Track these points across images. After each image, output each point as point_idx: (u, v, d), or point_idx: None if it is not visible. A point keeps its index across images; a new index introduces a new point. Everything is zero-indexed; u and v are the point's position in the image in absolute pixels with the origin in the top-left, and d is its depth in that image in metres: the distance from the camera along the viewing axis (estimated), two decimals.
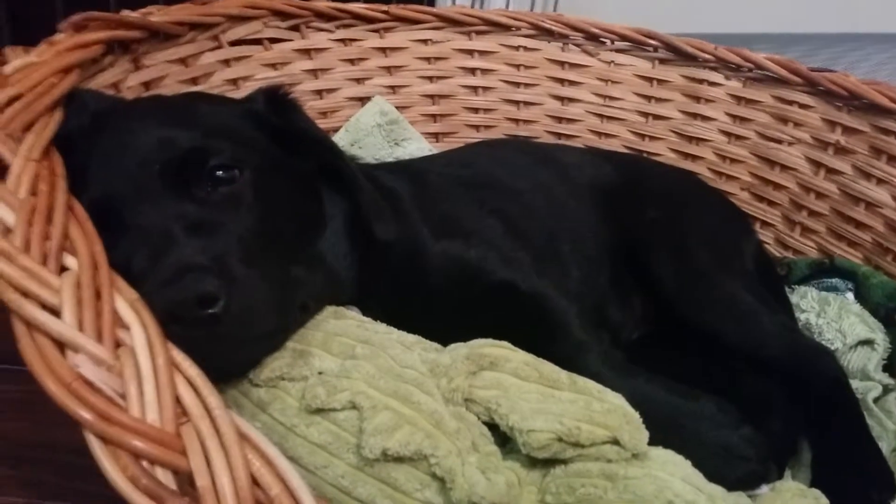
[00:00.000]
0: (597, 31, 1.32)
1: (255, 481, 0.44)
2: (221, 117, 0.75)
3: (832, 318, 1.04)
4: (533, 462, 0.61)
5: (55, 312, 0.48)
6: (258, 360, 0.62)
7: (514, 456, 0.61)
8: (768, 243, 1.27)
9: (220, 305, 0.56)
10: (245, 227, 0.65)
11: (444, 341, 0.70)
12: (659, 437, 0.63)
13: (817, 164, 1.22)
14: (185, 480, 0.44)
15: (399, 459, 0.55)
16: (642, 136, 1.35)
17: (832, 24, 2.12)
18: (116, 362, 0.48)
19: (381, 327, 0.69)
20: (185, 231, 0.61)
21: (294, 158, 0.77)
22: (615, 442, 0.59)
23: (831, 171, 1.21)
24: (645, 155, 1.34)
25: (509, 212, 0.95)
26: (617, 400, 0.63)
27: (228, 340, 0.58)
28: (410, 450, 0.54)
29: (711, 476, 0.63)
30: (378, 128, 1.29)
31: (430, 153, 1.27)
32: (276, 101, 0.79)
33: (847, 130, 1.18)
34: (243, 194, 0.67)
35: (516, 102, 1.38)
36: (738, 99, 1.27)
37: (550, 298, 0.82)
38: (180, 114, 0.73)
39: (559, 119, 1.38)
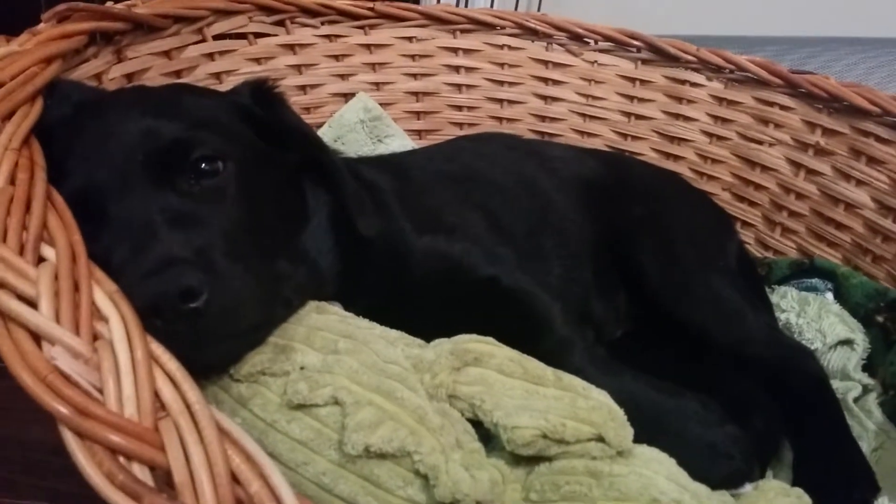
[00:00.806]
0: (581, 31, 1.32)
1: (234, 478, 0.43)
2: (206, 109, 0.74)
3: (812, 318, 1.04)
4: (517, 459, 0.60)
5: (32, 304, 0.47)
6: (240, 355, 0.61)
7: (498, 453, 0.61)
8: (749, 243, 1.27)
9: (202, 299, 0.55)
10: (228, 220, 0.64)
11: (427, 337, 0.69)
12: (643, 434, 0.63)
13: (797, 165, 1.23)
14: (163, 477, 0.43)
15: (382, 456, 0.54)
16: (625, 135, 1.35)
17: (802, 27, 2.15)
18: (94, 355, 0.47)
19: (364, 322, 0.68)
20: (167, 223, 0.60)
21: (278, 152, 0.77)
22: (600, 439, 0.59)
23: (811, 171, 1.22)
24: (627, 154, 1.34)
25: (492, 206, 0.94)
26: (602, 397, 0.63)
27: (210, 335, 0.57)
28: (393, 446, 0.54)
29: (695, 474, 0.63)
30: (361, 124, 1.29)
31: (411, 149, 1.27)
32: (262, 94, 0.78)
33: (827, 132, 1.19)
34: (227, 187, 0.67)
35: (500, 101, 1.38)
36: (720, 100, 1.28)
37: (534, 294, 0.82)
38: (164, 105, 0.72)
39: (542, 118, 1.38)
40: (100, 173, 0.63)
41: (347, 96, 1.32)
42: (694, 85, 1.29)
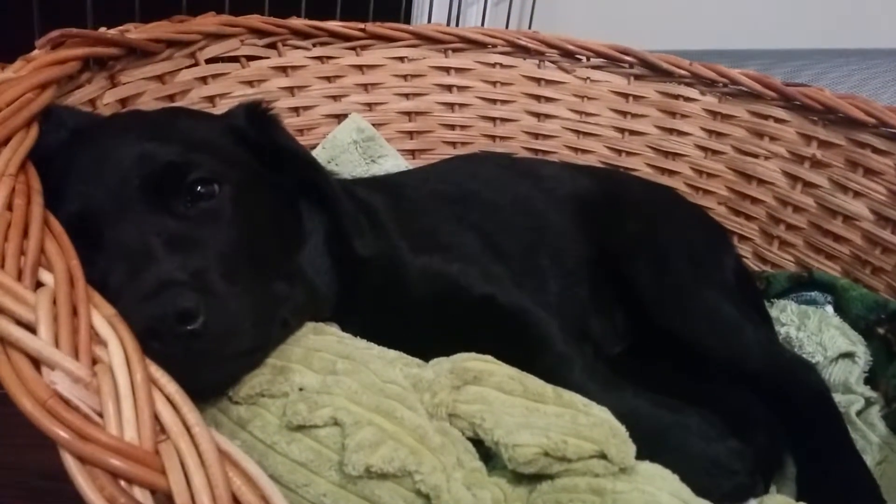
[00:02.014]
0: (572, 47, 1.33)
1: (235, 500, 0.43)
2: (201, 132, 0.74)
3: (812, 332, 1.04)
4: (518, 478, 0.60)
5: (31, 329, 0.47)
6: (238, 378, 0.61)
7: (499, 472, 0.60)
8: (746, 257, 1.27)
9: (199, 322, 0.55)
10: (225, 242, 0.64)
11: (425, 356, 0.69)
12: (645, 450, 0.62)
13: (794, 178, 1.23)
14: (164, 500, 0.42)
15: (383, 476, 0.54)
16: (619, 151, 1.35)
17: (790, 40, 2.17)
18: (94, 379, 0.46)
19: (361, 343, 0.68)
20: (164, 246, 0.60)
21: (274, 174, 0.77)
22: (602, 456, 0.58)
23: (808, 184, 1.22)
24: (622, 170, 1.34)
25: (487, 226, 0.94)
26: (603, 413, 0.62)
27: (208, 357, 0.57)
28: (394, 466, 0.53)
29: (699, 490, 0.62)
30: (355, 145, 1.29)
31: (405, 170, 1.27)
32: (257, 116, 0.79)
33: (823, 144, 1.20)
34: (223, 209, 0.66)
35: (493, 119, 1.39)
36: (714, 114, 1.28)
37: (531, 312, 0.82)
38: (160, 128, 0.72)
39: (536, 135, 1.38)
40: (96, 198, 0.63)
41: (340, 117, 1.32)
42: (687, 99, 1.30)
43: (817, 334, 1.03)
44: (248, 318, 0.60)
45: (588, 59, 1.34)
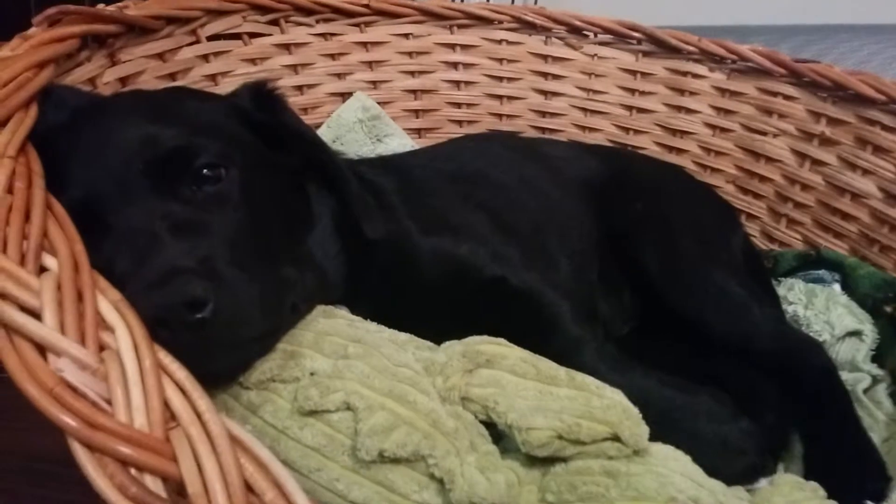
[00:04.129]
0: (579, 23, 1.31)
1: (248, 487, 0.43)
2: (206, 114, 0.72)
3: (820, 310, 1.03)
4: (531, 461, 0.59)
5: (35, 315, 0.46)
6: (248, 364, 0.60)
7: (513, 455, 0.60)
8: (754, 236, 1.26)
9: (208, 309, 0.54)
10: (232, 227, 0.63)
11: (437, 339, 0.68)
12: (656, 432, 0.62)
13: (802, 156, 1.22)
14: (176, 488, 0.42)
15: (396, 461, 0.53)
16: (626, 129, 1.34)
17: (796, 15, 2.14)
18: (101, 366, 0.46)
19: (372, 326, 0.67)
20: (170, 232, 0.59)
21: (280, 155, 0.75)
22: (616, 438, 0.58)
23: (816, 162, 1.20)
24: (630, 149, 1.33)
25: (496, 206, 0.93)
26: (616, 396, 0.62)
27: (218, 344, 0.56)
28: (408, 450, 0.53)
29: (709, 470, 0.62)
30: (360, 124, 1.27)
31: (412, 149, 1.25)
32: (262, 96, 0.77)
33: (832, 121, 1.18)
34: (230, 193, 0.65)
35: (499, 97, 1.37)
36: (723, 91, 1.27)
37: (543, 293, 0.81)
38: (164, 110, 0.70)
39: (543, 113, 1.36)
40: (100, 182, 0.62)
41: (345, 96, 1.30)
42: (696, 76, 1.28)
43: (825, 313, 1.03)
44: (258, 305, 0.59)
45: (595, 35, 1.32)
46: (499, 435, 0.61)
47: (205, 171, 0.65)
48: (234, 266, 0.59)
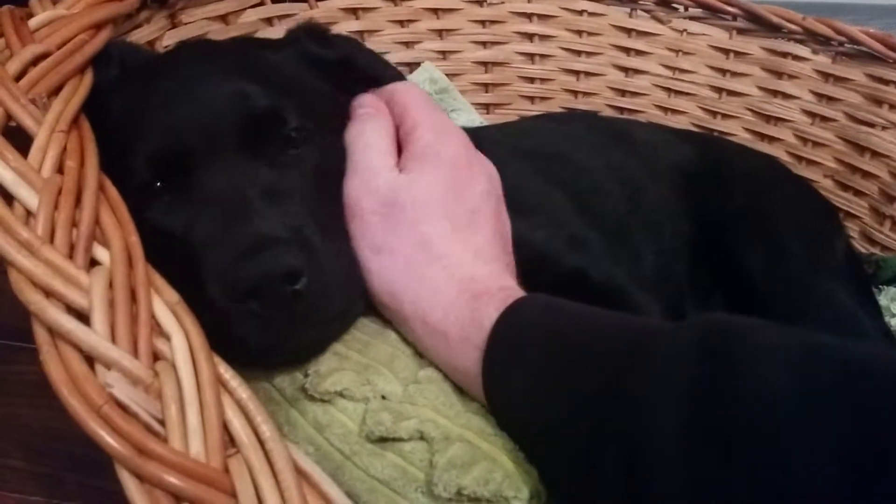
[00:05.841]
0: None
1: None
2: (290, 69, 0.66)
3: None
4: None
5: (83, 317, 0.41)
6: (331, 340, 0.56)
7: None
8: (853, 237, 1.15)
9: (302, 282, 0.51)
10: (315, 194, 0.59)
11: None
12: None
13: None
14: None
15: (476, 500, 0.46)
16: (714, 113, 1.23)
17: None
18: (155, 380, 0.40)
19: None
20: (261, 198, 0.55)
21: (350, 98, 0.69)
22: None
23: None
24: (716, 134, 1.23)
25: (577, 187, 0.85)
26: None
27: (305, 319, 0.53)
28: (489, 490, 0.46)
29: None
30: None
31: (481, 125, 1.18)
32: (325, 38, 0.71)
33: None
34: (313, 158, 0.60)
35: (576, 73, 1.27)
36: (826, 76, 1.16)
37: (630, 293, 0.73)
38: (249, 65, 0.64)
39: (622, 92, 1.27)
40: (184, 136, 0.57)
41: (412, 66, 1.22)
42: (797, 58, 1.17)
43: None
44: (344, 278, 0.56)
45: (686, 8, 1.21)
46: None
47: (293, 133, 0.60)
48: (321, 236, 0.55)
